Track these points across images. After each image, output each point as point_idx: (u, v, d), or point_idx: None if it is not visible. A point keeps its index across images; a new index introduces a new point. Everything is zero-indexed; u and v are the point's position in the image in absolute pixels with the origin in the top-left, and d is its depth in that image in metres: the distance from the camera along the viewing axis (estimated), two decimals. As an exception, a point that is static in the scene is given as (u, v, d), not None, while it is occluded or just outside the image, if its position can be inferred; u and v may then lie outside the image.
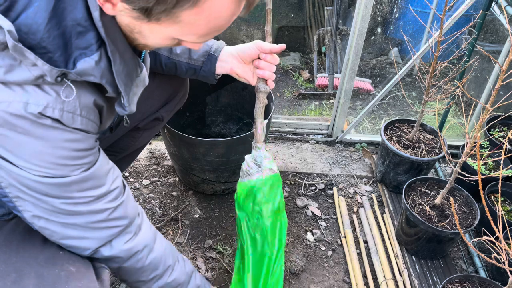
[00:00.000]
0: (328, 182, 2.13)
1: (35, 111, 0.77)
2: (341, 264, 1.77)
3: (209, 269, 1.71)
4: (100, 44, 0.79)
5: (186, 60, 1.31)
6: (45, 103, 0.78)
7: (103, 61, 0.80)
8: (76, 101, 0.81)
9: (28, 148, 0.81)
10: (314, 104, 2.86)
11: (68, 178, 0.86)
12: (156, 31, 0.82)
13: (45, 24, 0.74)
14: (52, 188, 0.86)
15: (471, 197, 1.71)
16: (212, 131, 2.21)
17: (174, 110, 1.53)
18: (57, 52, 0.76)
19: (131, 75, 0.89)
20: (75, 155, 0.86)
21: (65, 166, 0.85)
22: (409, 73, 2.99)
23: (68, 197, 0.89)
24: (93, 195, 0.92)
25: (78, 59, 0.78)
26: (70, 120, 0.81)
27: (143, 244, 1.05)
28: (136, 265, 1.05)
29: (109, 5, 0.76)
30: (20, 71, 0.75)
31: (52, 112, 0.79)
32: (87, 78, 0.80)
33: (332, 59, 2.93)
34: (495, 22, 2.48)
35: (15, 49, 0.72)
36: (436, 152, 1.90)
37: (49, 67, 0.75)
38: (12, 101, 0.76)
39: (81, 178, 0.88)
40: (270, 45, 1.17)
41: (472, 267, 1.77)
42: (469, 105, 2.66)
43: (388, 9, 3.21)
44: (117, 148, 1.47)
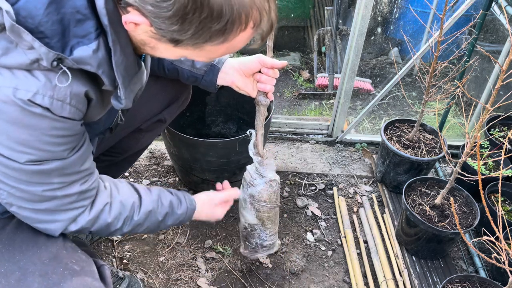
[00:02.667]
0: (328, 182, 2.13)
1: (24, 97, 0.76)
2: (341, 264, 1.77)
3: (209, 269, 1.71)
4: (99, 34, 0.78)
5: (189, 68, 1.33)
6: (34, 89, 0.77)
7: (101, 51, 0.80)
8: (68, 89, 0.81)
9: (14, 136, 0.80)
10: (314, 104, 2.86)
11: (52, 164, 0.87)
12: (172, 51, 0.84)
13: (44, 9, 0.74)
14: (35, 175, 0.87)
15: (471, 197, 1.71)
16: (212, 131, 2.21)
17: (176, 112, 1.54)
18: (55, 38, 0.76)
19: (130, 70, 0.89)
20: (61, 141, 0.86)
21: (51, 152, 0.86)
22: (409, 73, 2.99)
23: (48, 183, 0.90)
24: (70, 180, 0.93)
25: (76, 47, 0.77)
26: (59, 108, 0.81)
27: (103, 205, 1.04)
28: (103, 225, 1.05)
29: (132, 25, 0.78)
30: (16, 54, 0.75)
31: (42, 99, 0.78)
32: (83, 66, 0.79)
33: (332, 59, 2.93)
34: (495, 22, 2.47)
35: (12, 29, 0.71)
36: (436, 152, 1.90)
37: (46, 49, 0.75)
38: (0, 86, 0.75)
39: (64, 163, 0.89)
40: (272, 60, 1.20)
41: (472, 267, 1.77)
42: (469, 105, 2.66)
43: (388, 9, 3.21)
44: (119, 149, 1.48)
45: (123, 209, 1.08)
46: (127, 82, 0.88)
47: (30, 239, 1.02)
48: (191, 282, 1.65)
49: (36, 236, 1.03)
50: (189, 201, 1.25)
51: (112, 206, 1.06)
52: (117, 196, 1.08)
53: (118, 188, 1.10)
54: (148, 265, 1.70)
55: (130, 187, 1.13)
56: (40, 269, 0.97)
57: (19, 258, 0.98)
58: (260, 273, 1.70)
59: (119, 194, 1.08)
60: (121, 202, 1.08)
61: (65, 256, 1.02)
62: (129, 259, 1.71)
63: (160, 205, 1.16)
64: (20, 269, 0.96)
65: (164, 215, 1.17)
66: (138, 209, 1.11)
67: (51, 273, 0.96)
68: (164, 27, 0.76)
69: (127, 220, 1.09)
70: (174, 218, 1.20)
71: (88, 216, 1.01)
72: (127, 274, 1.58)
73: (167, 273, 1.68)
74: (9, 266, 0.96)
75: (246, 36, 0.82)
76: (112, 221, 1.06)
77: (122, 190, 1.10)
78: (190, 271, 1.69)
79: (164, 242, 1.79)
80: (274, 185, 1.39)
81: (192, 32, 0.76)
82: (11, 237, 1.02)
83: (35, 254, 1.00)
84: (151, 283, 1.64)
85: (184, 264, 1.71)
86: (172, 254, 1.74)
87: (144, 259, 1.72)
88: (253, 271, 1.71)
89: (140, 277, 1.64)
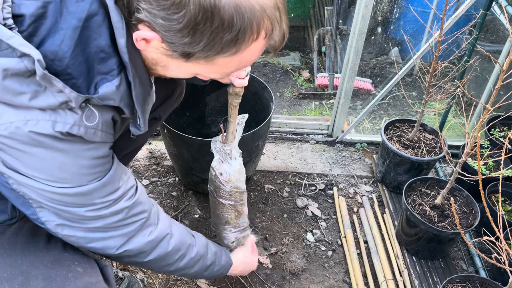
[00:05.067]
0: (328, 182, 2.13)
1: (63, 129, 0.79)
2: (341, 264, 1.77)
3: (209, 269, 1.70)
4: (121, 70, 0.81)
5: None
6: (72, 121, 0.80)
7: (123, 85, 0.82)
8: (100, 118, 0.84)
9: (50, 162, 0.83)
10: (314, 104, 2.85)
11: (88, 186, 0.89)
12: (183, 67, 0.86)
13: (71, 52, 0.75)
14: (76, 198, 0.89)
15: (472, 197, 1.70)
16: (212, 131, 2.20)
17: (171, 109, 1.54)
18: (81, 78, 0.78)
19: (146, 97, 0.92)
20: (94, 163, 0.89)
21: (85, 175, 0.89)
22: (410, 73, 2.99)
23: (91, 204, 0.92)
24: (112, 198, 0.95)
25: (100, 84, 0.80)
26: (91, 135, 0.84)
27: (164, 233, 1.10)
28: (161, 253, 1.10)
29: (143, 42, 0.79)
30: (45, 97, 0.76)
31: (77, 130, 0.81)
32: (107, 102, 0.82)
33: (332, 59, 2.93)
34: (496, 22, 2.47)
35: (43, 77, 0.73)
36: (437, 152, 1.89)
37: (76, 94, 0.77)
38: (40, 120, 0.77)
39: (101, 184, 0.91)
40: None
41: (472, 267, 1.77)
42: (469, 105, 2.66)
43: (388, 8, 3.20)
44: (115, 148, 1.47)
45: (182, 245, 1.15)
46: (144, 110, 0.92)
47: (31, 242, 1.02)
48: (191, 282, 1.65)
49: (37, 239, 1.03)
50: (227, 254, 1.38)
51: (173, 238, 1.12)
52: (177, 230, 1.15)
53: (176, 223, 1.18)
54: (148, 265, 1.70)
55: (185, 227, 1.23)
56: (43, 272, 0.96)
57: (21, 262, 0.97)
58: (260, 273, 1.70)
59: (178, 229, 1.16)
60: (181, 237, 1.15)
61: (68, 258, 1.02)
62: (129, 259, 1.71)
63: (209, 252, 1.25)
64: (22, 273, 0.95)
65: (211, 263, 1.26)
66: (193, 248, 1.19)
67: (54, 276, 0.96)
68: (175, 41, 0.76)
69: (183, 257, 1.16)
70: (218, 267, 1.30)
71: (147, 237, 1.05)
72: (127, 274, 1.58)
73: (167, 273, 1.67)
74: (11, 270, 0.96)
75: (259, 47, 0.82)
76: (171, 252, 1.12)
77: (180, 226, 1.19)
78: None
79: (164, 242, 1.79)
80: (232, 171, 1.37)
81: (204, 43, 0.76)
82: (12, 242, 1.01)
83: (37, 257, 0.99)
84: (150, 283, 1.64)
85: (184, 264, 1.71)
86: (172, 254, 1.74)
87: (144, 259, 1.72)
88: (253, 271, 1.71)
89: (139, 277, 1.64)
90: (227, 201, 1.39)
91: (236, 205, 1.41)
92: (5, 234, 1.02)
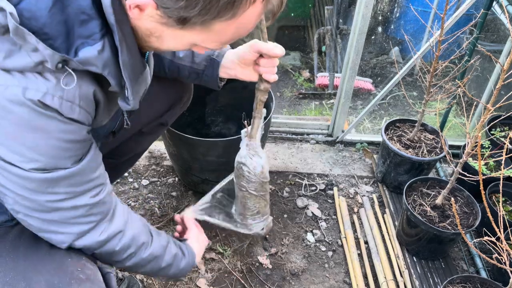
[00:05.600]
0: (328, 182, 2.12)
1: (34, 97, 0.75)
2: (341, 265, 1.77)
3: (208, 270, 1.70)
4: (104, 34, 0.77)
5: (189, 64, 1.30)
6: (44, 89, 0.75)
7: (106, 51, 0.78)
8: (76, 90, 0.79)
9: (22, 139, 0.78)
10: (314, 103, 2.85)
11: (58, 172, 0.84)
12: (179, 37, 0.81)
13: (48, 10, 0.72)
14: (40, 183, 0.84)
15: (472, 198, 1.70)
16: (212, 131, 2.20)
17: (178, 114, 1.53)
18: (59, 39, 0.74)
19: (136, 69, 0.86)
20: (68, 146, 0.84)
21: (57, 159, 0.83)
22: (410, 73, 2.98)
23: (54, 193, 0.87)
24: (78, 191, 0.90)
25: (80, 48, 0.76)
26: (68, 110, 0.79)
27: (115, 232, 1.02)
28: (108, 250, 1.03)
29: (137, 10, 0.76)
30: (20, 57, 0.73)
31: (51, 100, 0.76)
32: (89, 67, 0.78)
33: (333, 59, 2.92)
34: (496, 21, 2.47)
35: (16, 32, 0.70)
36: (437, 152, 1.89)
37: (51, 51, 0.73)
38: (10, 85, 0.74)
39: (71, 172, 0.86)
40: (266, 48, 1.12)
41: (473, 267, 1.76)
42: (470, 104, 2.65)
43: (389, 8, 3.20)
44: (120, 151, 1.47)
45: (133, 243, 1.07)
46: (133, 82, 0.86)
47: (34, 246, 1.00)
48: (191, 283, 1.65)
49: (40, 243, 1.01)
50: (191, 256, 1.26)
51: (124, 236, 1.04)
52: (132, 228, 1.06)
53: (134, 220, 1.09)
54: (147, 265, 1.69)
55: (144, 224, 1.13)
56: (46, 279, 0.95)
57: (24, 267, 0.96)
58: (260, 274, 1.70)
59: (134, 227, 1.07)
60: (133, 236, 1.06)
61: (71, 264, 1.00)
62: (128, 259, 1.71)
63: (167, 254, 1.16)
64: (25, 279, 0.94)
65: (167, 265, 1.17)
66: (146, 249, 1.10)
67: (57, 283, 0.94)
68: (170, 5, 0.73)
69: (132, 256, 1.08)
70: (174, 270, 1.20)
71: (98, 237, 0.99)
72: (127, 275, 1.58)
73: (166, 274, 1.67)
74: (14, 275, 0.94)
75: (256, 11, 0.79)
76: (119, 251, 1.05)
77: (137, 223, 1.10)
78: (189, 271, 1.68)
79: (163, 242, 1.78)
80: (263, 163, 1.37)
81: (200, 7, 0.73)
82: (15, 245, 1.00)
83: (40, 262, 0.98)
84: (150, 284, 1.63)
85: (184, 265, 1.70)
86: (172, 255, 1.74)
87: (144, 259, 1.72)
88: (253, 271, 1.71)
89: (139, 278, 1.63)
90: (259, 192, 1.39)
91: (265, 194, 1.42)
92: (7, 236, 1.01)
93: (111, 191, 1.02)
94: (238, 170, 1.35)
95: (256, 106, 1.22)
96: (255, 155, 1.32)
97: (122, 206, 1.07)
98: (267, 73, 1.15)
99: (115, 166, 1.52)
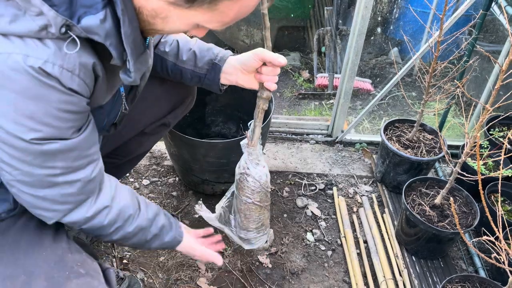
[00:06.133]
0: (328, 182, 2.13)
1: (35, 64, 0.76)
2: (341, 264, 1.77)
3: (209, 269, 1.71)
4: (106, 4, 0.78)
5: (191, 67, 1.30)
6: (45, 57, 0.76)
7: (108, 22, 0.79)
8: (76, 59, 0.80)
9: (22, 108, 0.79)
10: (314, 104, 2.86)
11: (58, 143, 0.85)
12: (185, 17, 0.82)
13: None
14: (39, 156, 0.85)
15: (471, 197, 1.71)
16: (212, 131, 2.21)
17: (181, 116, 1.54)
18: (62, 7, 0.76)
19: (137, 45, 0.87)
20: (68, 116, 0.85)
21: (57, 129, 0.84)
22: (409, 73, 2.99)
23: (51, 167, 0.88)
24: (74, 166, 0.91)
25: (83, 16, 0.77)
26: (68, 79, 0.80)
27: (102, 207, 1.03)
28: (95, 225, 1.04)
29: None
30: (24, 21, 0.74)
31: (51, 68, 0.77)
32: (91, 35, 0.79)
33: (332, 59, 2.93)
34: (495, 22, 2.48)
35: None
36: (436, 152, 1.90)
37: (54, 13, 0.74)
38: (11, 53, 0.75)
39: (70, 143, 0.87)
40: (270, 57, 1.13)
41: (472, 267, 1.77)
42: (469, 105, 2.66)
43: (388, 9, 3.21)
44: (122, 152, 1.48)
45: (119, 217, 1.06)
46: (135, 56, 0.87)
47: (35, 241, 1.02)
48: (191, 282, 1.65)
49: (41, 238, 1.02)
50: (178, 232, 1.24)
51: (111, 211, 1.04)
52: (119, 203, 1.06)
53: (121, 193, 1.08)
54: (148, 265, 1.70)
55: (132, 197, 1.12)
56: (45, 272, 0.96)
57: (24, 261, 0.97)
58: (260, 273, 1.71)
59: (121, 201, 1.07)
60: (120, 210, 1.06)
61: (71, 259, 1.01)
62: (129, 259, 1.72)
63: (154, 226, 1.15)
64: (25, 272, 0.95)
65: (153, 236, 1.16)
66: (132, 221, 1.10)
67: (57, 277, 0.96)
68: None
69: (119, 230, 1.08)
70: (159, 243, 1.20)
71: (85, 213, 1.00)
72: (127, 274, 1.59)
73: (167, 273, 1.68)
74: (14, 268, 0.96)
75: None
76: (106, 226, 1.05)
77: (124, 197, 1.09)
78: (190, 271, 1.69)
79: (164, 242, 1.79)
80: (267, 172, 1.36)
81: None
82: (17, 239, 1.01)
83: (40, 256, 0.99)
84: (151, 283, 1.64)
85: (184, 264, 1.71)
86: (172, 254, 1.74)
87: (144, 259, 1.72)
88: (253, 271, 1.71)
89: (140, 277, 1.64)
90: (264, 203, 1.37)
91: (268, 205, 1.40)
92: (10, 231, 1.02)
93: (102, 168, 1.02)
94: (241, 182, 1.32)
95: (257, 115, 1.22)
96: (259, 165, 1.31)
97: (109, 181, 1.06)
98: (269, 81, 1.16)
99: (118, 166, 1.52)
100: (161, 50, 1.29)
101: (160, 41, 1.26)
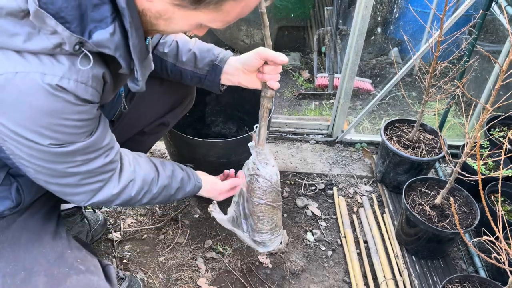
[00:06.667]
0: (328, 182, 2.13)
1: (52, 82, 0.79)
2: (341, 264, 1.77)
3: (209, 269, 1.71)
4: (114, 18, 0.80)
5: (191, 68, 1.31)
6: (60, 73, 0.79)
7: (117, 35, 0.81)
8: (90, 72, 0.83)
9: (40, 122, 0.83)
10: (314, 104, 2.86)
11: (74, 146, 0.90)
12: (189, 18, 0.83)
13: None
14: (58, 156, 0.90)
15: (471, 197, 1.71)
16: (212, 131, 2.21)
17: (180, 115, 1.54)
18: (74, 23, 0.77)
19: (143, 53, 0.90)
20: (82, 124, 0.89)
21: (72, 135, 0.89)
22: (409, 73, 2.99)
23: (71, 162, 0.93)
24: (92, 157, 0.97)
25: (94, 31, 0.79)
26: (83, 91, 0.84)
27: (128, 181, 1.10)
28: (126, 198, 1.11)
29: None
30: (39, 40, 0.76)
31: (67, 83, 0.80)
32: (102, 49, 0.81)
33: (332, 59, 2.93)
34: (495, 22, 2.47)
35: (36, 14, 0.73)
36: (436, 152, 1.90)
37: (69, 33, 0.76)
38: (29, 72, 0.77)
39: (85, 144, 0.92)
40: (272, 55, 1.14)
41: (472, 267, 1.77)
42: (469, 105, 2.66)
43: (388, 9, 3.21)
44: None
45: (145, 184, 1.14)
46: (141, 65, 0.90)
47: (35, 238, 1.03)
48: (191, 282, 1.65)
49: (41, 235, 1.03)
50: (196, 179, 1.32)
51: (136, 182, 1.12)
52: (140, 173, 1.14)
53: (140, 164, 1.16)
54: (148, 265, 1.70)
55: (149, 162, 1.20)
56: (45, 269, 0.97)
57: (24, 258, 0.98)
58: (260, 273, 1.71)
59: (141, 170, 1.14)
60: (143, 178, 1.14)
61: (71, 256, 1.02)
62: (129, 259, 1.72)
63: (174, 181, 1.23)
64: (25, 269, 0.96)
65: (176, 190, 1.25)
66: (156, 183, 1.18)
67: (56, 273, 0.97)
68: None
69: (147, 194, 1.16)
70: (183, 193, 1.28)
71: (113, 190, 1.06)
72: (127, 274, 1.59)
73: (167, 273, 1.68)
74: (14, 265, 0.96)
75: None
76: (135, 195, 1.13)
77: (144, 165, 1.16)
78: (190, 271, 1.69)
79: (164, 242, 1.79)
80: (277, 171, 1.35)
81: None
82: (17, 236, 1.02)
83: (40, 253, 1.00)
84: (151, 283, 1.64)
85: (184, 264, 1.71)
86: (172, 254, 1.74)
87: (144, 259, 1.72)
88: (253, 271, 1.71)
89: (140, 277, 1.64)
90: (276, 203, 1.37)
91: (280, 205, 1.40)
92: (10, 228, 1.03)
93: (118, 149, 1.08)
94: (251, 183, 1.33)
95: (262, 114, 1.22)
96: (268, 164, 1.31)
97: (127, 157, 1.13)
98: (271, 79, 1.18)
99: None
100: (160, 51, 1.29)
101: (159, 42, 1.27)
